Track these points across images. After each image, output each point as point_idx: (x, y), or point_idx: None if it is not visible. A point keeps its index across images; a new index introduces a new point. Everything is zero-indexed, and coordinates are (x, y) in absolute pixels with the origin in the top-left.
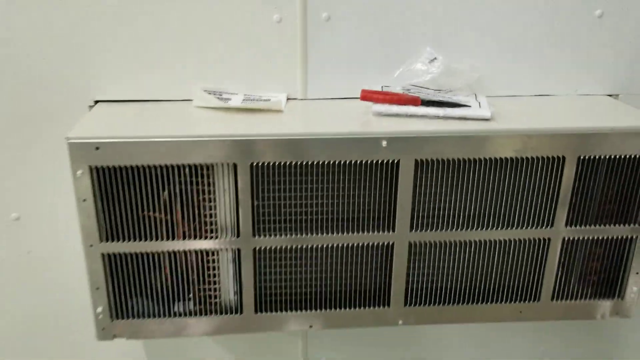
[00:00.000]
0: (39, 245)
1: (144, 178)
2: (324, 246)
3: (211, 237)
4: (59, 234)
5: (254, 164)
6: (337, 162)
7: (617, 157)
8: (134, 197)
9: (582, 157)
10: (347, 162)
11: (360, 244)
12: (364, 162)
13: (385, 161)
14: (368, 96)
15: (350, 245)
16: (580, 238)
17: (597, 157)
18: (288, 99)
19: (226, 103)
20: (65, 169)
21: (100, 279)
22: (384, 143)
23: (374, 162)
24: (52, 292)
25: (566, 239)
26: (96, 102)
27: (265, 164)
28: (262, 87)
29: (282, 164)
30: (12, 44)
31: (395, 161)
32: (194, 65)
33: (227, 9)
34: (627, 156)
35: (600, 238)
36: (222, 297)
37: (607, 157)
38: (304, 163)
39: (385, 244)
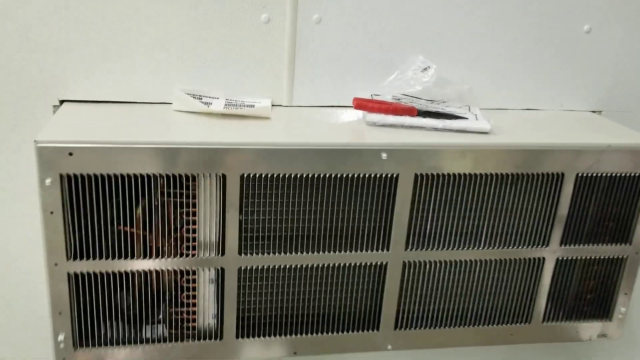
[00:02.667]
0: None
1: (120, 188)
2: (313, 266)
3: (192, 255)
4: (15, 248)
5: (245, 175)
6: (332, 175)
7: (614, 175)
8: (108, 209)
9: (580, 175)
10: (341, 175)
11: (351, 264)
12: (360, 175)
13: (383, 175)
14: (362, 105)
15: (341, 265)
16: (574, 258)
17: (595, 174)
18: (272, 105)
19: (208, 107)
20: (25, 177)
21: (64, 302)
22: (384, 155)
23: (372, 175)
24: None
25: (560, 258)
26: (62, 102)
27: (257, 175)
28: (245, 90)
29: (273, 175)
30: None
31: (395, 175)
32: (172, 64)
33: (212, 5)
34: (623, 174)
35: (592, 258)
36: (199, 320)
37: (605, 174)
38: (297, 175)
39: (379, 263)
